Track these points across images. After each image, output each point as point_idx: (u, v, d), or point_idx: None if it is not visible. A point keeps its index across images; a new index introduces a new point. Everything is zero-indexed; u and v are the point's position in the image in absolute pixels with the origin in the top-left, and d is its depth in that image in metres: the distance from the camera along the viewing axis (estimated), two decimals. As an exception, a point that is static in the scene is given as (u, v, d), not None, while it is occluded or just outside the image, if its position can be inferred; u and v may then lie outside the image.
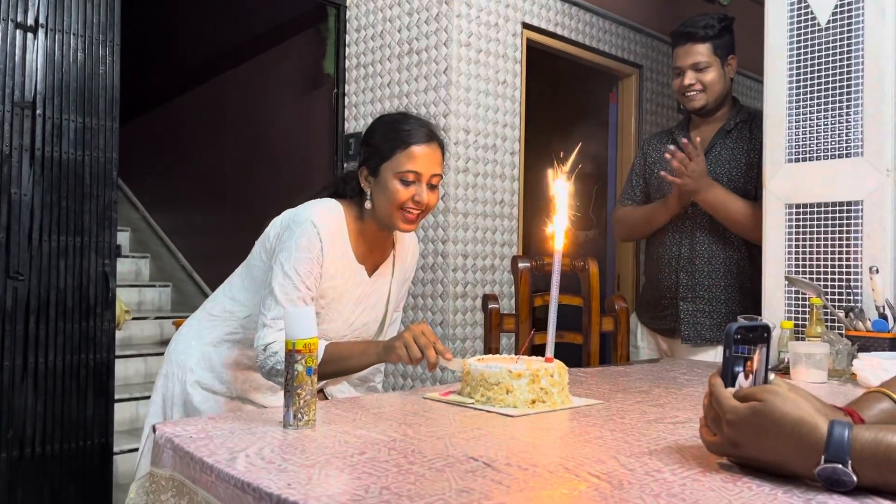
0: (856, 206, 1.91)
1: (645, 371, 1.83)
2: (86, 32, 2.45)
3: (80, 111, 2.43)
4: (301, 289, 1.52)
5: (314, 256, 1.53)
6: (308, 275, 1.52)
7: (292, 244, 1.53)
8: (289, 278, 1.51)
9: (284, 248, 1.54)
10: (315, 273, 1.54)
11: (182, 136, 4.93)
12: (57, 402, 2.37)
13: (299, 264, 1.52)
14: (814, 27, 2.00)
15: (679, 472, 0.88)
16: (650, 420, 1.20)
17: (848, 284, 1.92)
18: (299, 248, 1.52)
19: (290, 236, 1.54)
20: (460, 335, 3.05)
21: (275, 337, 1.50)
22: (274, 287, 1.52)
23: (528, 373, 1.28)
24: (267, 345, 1.51)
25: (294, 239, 1.53)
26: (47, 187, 2.35)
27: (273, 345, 1.50)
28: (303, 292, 1.52)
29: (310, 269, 1.53)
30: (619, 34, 3.89)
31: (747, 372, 0.90)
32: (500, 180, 3.23)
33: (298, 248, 1.52)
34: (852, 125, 1.93)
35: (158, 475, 1.06)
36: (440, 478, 0.84)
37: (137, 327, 4.20)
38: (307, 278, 1.52)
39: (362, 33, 3.45)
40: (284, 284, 1.51)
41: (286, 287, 1.51)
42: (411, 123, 1.59)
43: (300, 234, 1.53)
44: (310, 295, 1.54)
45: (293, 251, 1.52)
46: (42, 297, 2.34)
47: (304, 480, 0.83)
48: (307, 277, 1.52)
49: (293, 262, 1.52)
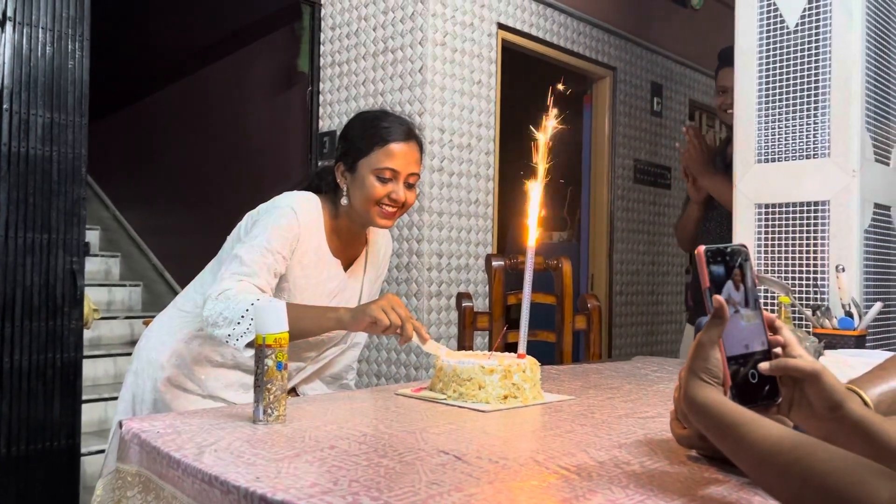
0: (822, 205, 1.95)
1: (617, 368, 1.84)
2: (55, 26, 2.41)
3: (48, 106, 2.39)
4: (268, 257, 1.46)
5: (290, 237, 1.50)
6: (278, 251, 1.48)
7: (269, 222, 1.50)
8: (258, 246, 1.46)
9: (259, 224, 1.51)
10: (285, 253, 1.50)
11: (154, 134, 4.87)
12: (23, 403, 2.33)
13: (273, 239, 1.48)
14: (783, 30, 2.03)
15: (647, 465, 0.89)
16: (621, 415, 1.21)
17: (815, 283, 1.95)
18: (277, 226, 1.49)
19: (269, 217, 1.52)
20: (434, 334, 3.05)
21: (232, 285, 1.41)
22: (239, 251, 1.47)
23: (500, 368, 1.28)
24: (222, 291, 1.40)
25: (272, 218, 1.50)
26: (14, 183, 2.31)
27: (229, 291, 1.39)
28: (269, 261, 1.46)
29: (281, 247, 1.49)
30: (594, 36, 3.92)
31: (736, 283, 0.79)
32: (475, 180, 3.24)
33: (276, 227, 1.49)
34: (819, 127, 1.97)
35: (125, 471, 1.04)
36: (410, 471, 0.84)
37: (107, 327, 4.14)
38: (276, 253, 1.48)
39: (337, 31, 3.43)
40: (253, 248, 1.46)
41: (252, 252, 1.45)
42: (391, 121, 1.58)
43: (279, 216, 1.51)
44: (275, 268, 1.48)
45: (269, 228, 1.49)
46: (8, 294, 2.29)
47: (273, 474, 0.82)
48: (277, 252, 1.48)
49: (268, 235, 1.48)
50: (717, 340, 0.77)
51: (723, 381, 0.78)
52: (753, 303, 0.80)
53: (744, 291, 0.79)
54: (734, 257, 0.80)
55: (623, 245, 4.18)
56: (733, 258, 0.79)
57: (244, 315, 1.35)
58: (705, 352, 0.78)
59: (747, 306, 0.79)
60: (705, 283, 0.79)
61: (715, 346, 0.78)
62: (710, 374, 0.77)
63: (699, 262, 0.79)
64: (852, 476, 0.60)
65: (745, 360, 0.79)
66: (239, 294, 1.39)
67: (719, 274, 0.79)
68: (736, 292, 0.79)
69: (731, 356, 0.78)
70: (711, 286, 0.78)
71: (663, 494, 0.77)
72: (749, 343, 0.79)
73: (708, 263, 0.79)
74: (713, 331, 0.77)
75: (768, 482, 0.68)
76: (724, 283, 0.79)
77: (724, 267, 0.79)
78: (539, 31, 3.57)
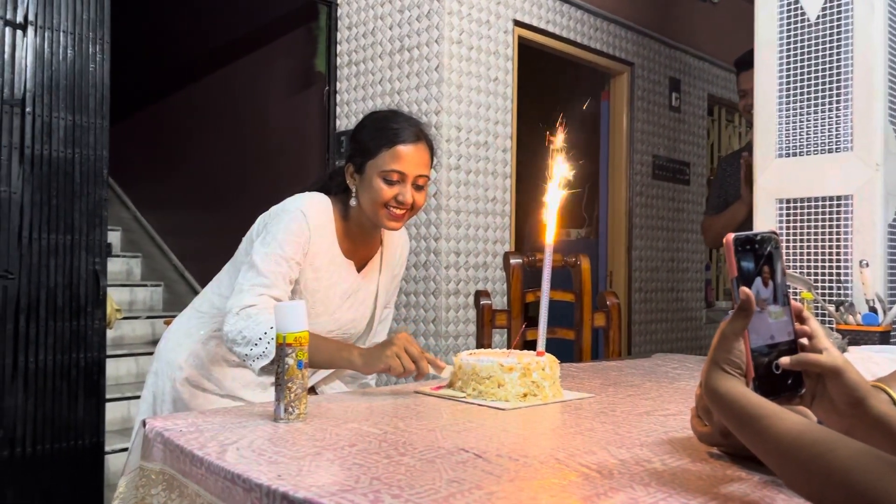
0: (846, 200, 1.92)
1: (637, 366, 1.83)
2: (76, 30, 2.44)
3: (69, 109, 2.42)
4: (283, 266, 1.48)
5: (301, 241, 1.51)
6: (292, 258, 1.50)
7: (281, 227, 1.51)
8: (273, 254, 1.48)
9: (271, 231, 1.52)
10: (298, 258, 1.51)
11: (173, 135, 4.91)
12: (48, 402, 2.36)
13: (286, 244, 1.49)
14: (804, 23, 2.01)
15: (669, 462, 0.88)
16: (641, 413, 1.21)
17: (838, 278, 1.93)
18: (288, 231, 1.50)
19: (279, 222, 1.52)
20: (453, 332, 3.05)
21: (254, 301, 1.43)
22: (255, 259, 1.48)
23: (519, 366, 1.28)
24: (244, 307, 1.42)
25: (283, 223, 1.51)
26: (37, 185, 2.34)
27: (251, 308, 1.42)
28: (284, 269, 1.48)
29: (294, 252, 1.50)
30: (611, 32, 3.90)
31: (765, 279, 0.77)
32: (492, 177, 3.23)
33: (287, 231, 1.50)
34: (842, 120, 1.94)
35: (149, 469, 1.05)
36: (431, 468, 0.84)
37: (129, 327, 4.19)
38: (290, 260, 1.49)
39: (353, 31, 3.44)
40: (268, 256, 1.48)
41: (268, 261, 1.47)
42: (400, 122, 1.57)
43: (290, 220, 1.52)
44: (290, 276, 1.50)
45: (280, 233, 1.50)
46: (32, 295, 2.33)
47: (294, 472, 0.83)
48: (290, 259, 1.49)
49: (280, 241, 1.49)
50: (741, 332, 0.76)
51: (745, 373, 0.77)
52: (783, 298, 0.78)
53: (772, 288, 0.77)
54: (764, 245, 0.77)
55: (642, 242, 4.16)
56: (763, 246, 0.77)
57: (262, 337, 1.38)
58: (729, 343, 0.77)
59: (776, 302, 0.78)
60: (733, 272, 0.77)
61: (739, 338, 0.76)
62: (733, 365, 0.76)
63: (727, 250, 0.77)
64: (875, 472, 0.60)
65: (770, 352, 0.77)
66: (260, 314, 1.41)
67: (748, 267, 0.77)
68: (764, 289, 0.77)
69: (756, 347, 0.76)
70: (739, 277, 0.76)
71: (685, 492, 0.76)
72: (774, 334, 0.78)
73: (736, 252, 0.76)
74: (738, 323, 0.76)
75: (790, 476, 0.68)
76: (752, 278, 0.77)
77: (754, 256, 0.77)
78: (556, 27, 3.56)
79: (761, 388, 0.76)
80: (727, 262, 0.78)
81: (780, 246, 0.79)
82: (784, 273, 0.78)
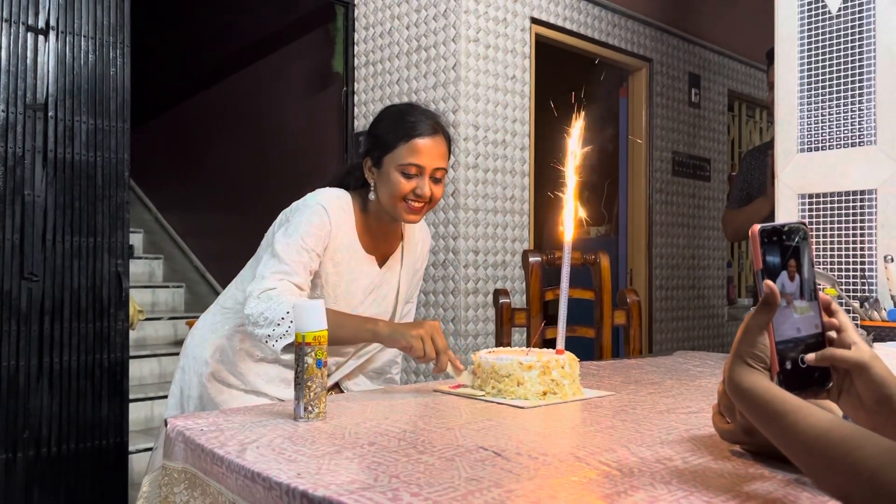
0: (870, 194, 1.89)
1: (657, 364, 1.82)
2: (96, 34, 2.47)
3: (91, 113, 2.45)
4: (304, 256, 1.48)
5: (322, 235, 1.52)
6: (312, 249, 1.50)
7: (302, 220, 1.52)
8: (294, 244, 1.49)
9: (293, 222, 1.52)
10: (319, 250, 1.52)
11: (193, 137, 4.95)
12: (72, 402, 2.39)
13: (307, 236, 1.50)
14: (825, 15, 1.98)
15: (690, 460, 0.87)
16: (662, 411, 1.20)
17: (862, 274, 1.90)
18: (310, 223, 1.51)
19: (301, 214, 1.53)
20: (472, 331, 3.04)
21: (274, 285, 1.43)
22: (277, 248, 1.49)
23: (538, 364, 1.28)
24: (264, 290, 1.42)
25: (305, 216, 1.52)
26: (60, 189, 2.37)
27: (272, 291, 1.42)
28: (305, 259, 1.49)
29: (315, 244, 1.51)
30: (629, 28, 3.87)
31: (791, 273, 0.74)
32: (511, 175, 3.23)
33: (309, 224, 1.51)
34: (865, 113, 1.91)
35: (171, 468, 1.06)
36: (450, 467, 0.84)
37: (151, 328, 4.23)
38: (311, 251, 1.50)
39: (370, 31, 3.45)
40: (289, 245, 1.48)
41: (290, 250, 1.48)
42: (417, 115, 1.57)
43: (311, 213, 1.52)
44: (311, 266, 1.51)
45: (302, 225, 1.51)
46: (56, 297, 2.36)
47: (314, 470, 0.83)
48: (311, 251, 1.50)
49: (302, 233, 1.50)
50: (765, 326, 0.74)
51: (770, 367, 0.75)
52: (810, 294, 0.75)
53: (799, 282, 0.74)
54: (791, 236, 0.75)
55: (662, 239, 4.13)
56: (790, 237, 0.75)
57: (283, 318, 1.38)
58: (752, 336, 0.75)
59: (802, 297, 0.75)
60: (758, 264, 0.74)
61: (763, 332, 0.74)
62: (757, 360, 0.74)
63: (752, 242, 0.74)
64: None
65: (796, 345, 0.75)
66: (281, 295, 1.42)
67: (773, 260, 0.74)
68: (790, 283, 0.74)
69: (780, 341, 0.74)
70: (764, 270, 0.74)
71: (707, 490, 0.75)
72: (801, 327, 0.75)
73: (762, 244, 0.74)
74: (762, 317, 0.74)
75: (816, 473, 0.66)
76: (778, 272, 0.74)
77: (780, 248, 0.74)
78: (573, 24, 3.54)
79: (786, 382, 0.74)
80: (752, 254, 0.75)
81: (809, 237, 0.76)
82: (812, 266, 0.76)
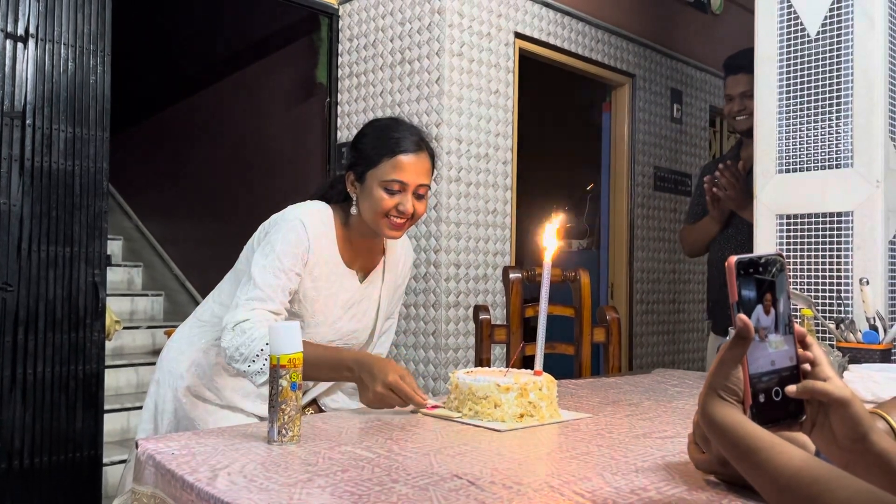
0: (846, 217, 1.91)
1: (636, 382, 1.82)
2: (76, 42, 2.44)
3: (70, 121, 2.42)
4: (281, 278, 1.48)
5: (300, 252, 1.51)
6: (290, 269, 1.50)
7: (279, 237, 1.51)
8: (271, 267, 1.48)
9: (270, 240, 1.52)
10: (297, 269, 1.51)
11: (175, 145, 4.92)
12: (46, 414, 2.35)
13: (284, 256, 1.49)
14: (804, 37, 2.00)
15: (664, 491, 0.87)
16: (638, 435, 1.20)
17: (839, 295, 1.92)
18: (286, 241, 1.50)
19: (278, 231, 1.52)
20: (452, 345, 3.04)
21: (248, 315, 1.44)
22: (254, 272, 1.49)
23: (516, 386, 1.27)
24: (238, 322, 1.43)
25: (282, 233, 1.51)
26: (37, 197, 2.34)
27: (245, 323, 1.42)
28: (282, 282, 1.48)
29: (293, 264, 1.50)
30: (612, 43, 3.90)
31: (767, 307, 0.74)
32: (493, 189, 3.23)
33: (285, 242, 1.50)
34: (842, 136, 1.93)
35: (140, 492, 1.04)
36: (423, 497, 0.83)
37: (129, 336, 4.18)
38: (289, 271, 1.50)
39: (355, 42, 3.45)
40: (265, 269, 1.48)
41: (266, 274, 1.48)
42: (401, 131, 1.56)
43: (288, 230, 1.52)
44: (290, 287, 1.50)
45: (279, 243, 1.50)
46: (31, 307, 2.33)
47: (286, 499, 0.82)
48: (289, 271, 1.50)
49: (278, 252, 1.49)
50: (739, 359, 0.73)
51: (743, 399, 0.74)
52: (784, 328, 0.75)
53: (774, 316, 0.74)
54: (768, 268, 0.74)
55: (643, 253, 4.15)
56: (767, 269, 0.74)
57: (258, 354, 1.39)
58: (726, 369, 0.74)
59: (777, 332, 0.74)
60: (733, 297, 0.73)
61: (737, 365, 0.74)
62: (730, 392, 0.74)
63: (729, 274, 0.73)
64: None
65: (770, 378, 0.74)
66: (254, 328, 1.42)
67: (749, 295, 0.73)
68: (765, 317, 0.73)
69: (755, 373, 0.73)
70: (739, 303, 0.73)
71: (680, 524, 0.75)
72: (775, 360, 0.74)
73: (738, 276, 0.73)
74: (736, 350, 0.73)
75: None
76: (753, 306, 0.73)
77: (756, 282, 0.74)
78: (557, 39, 3.56)
79: (760, 415, 0.74)
80: (728, 286, 0.74)
81: (786, 268, 0.76)
82: (788, 300, 0.75)
